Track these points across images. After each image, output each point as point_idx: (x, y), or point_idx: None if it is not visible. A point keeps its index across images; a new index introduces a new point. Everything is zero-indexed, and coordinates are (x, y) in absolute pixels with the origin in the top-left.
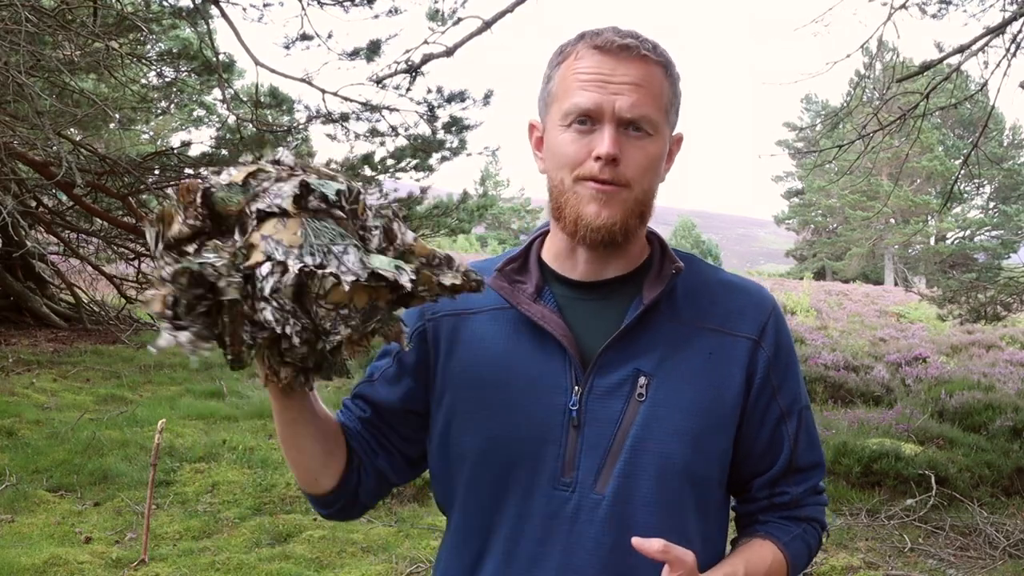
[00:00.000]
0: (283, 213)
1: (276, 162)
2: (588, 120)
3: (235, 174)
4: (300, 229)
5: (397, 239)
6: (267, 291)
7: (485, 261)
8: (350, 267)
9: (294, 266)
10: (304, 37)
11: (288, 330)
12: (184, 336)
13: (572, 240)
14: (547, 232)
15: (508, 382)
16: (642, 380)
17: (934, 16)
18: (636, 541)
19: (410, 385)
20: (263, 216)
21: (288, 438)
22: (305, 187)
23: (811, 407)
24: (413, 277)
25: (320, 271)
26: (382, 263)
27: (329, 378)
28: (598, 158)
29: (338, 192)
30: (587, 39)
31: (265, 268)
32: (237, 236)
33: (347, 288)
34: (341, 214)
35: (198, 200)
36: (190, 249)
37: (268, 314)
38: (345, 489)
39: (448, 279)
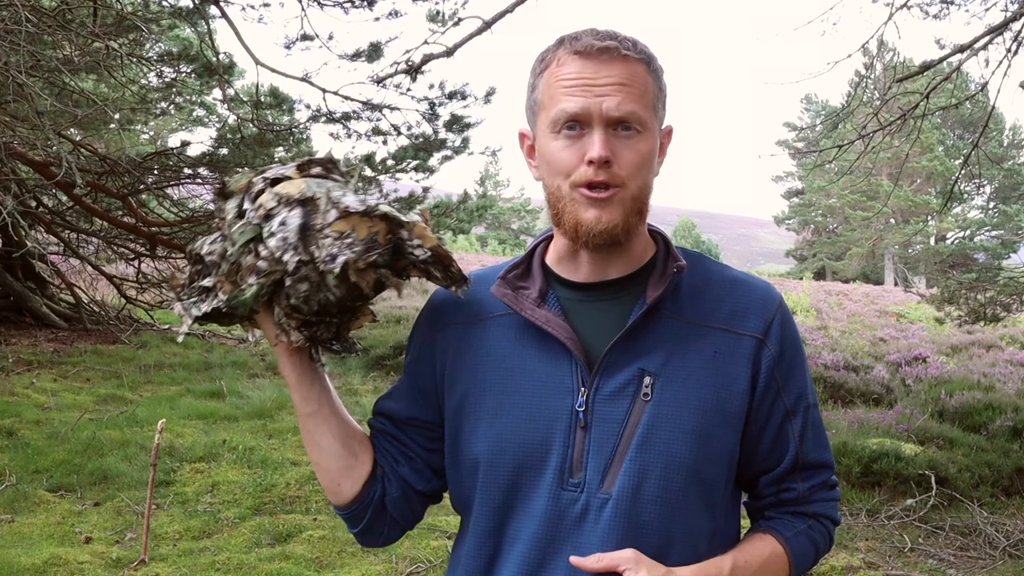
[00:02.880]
0: (287, 179)
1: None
2: (577, 125)
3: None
4: (304, 184)
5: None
6: (274, 226)
7: (491, 268)
8: (349, 202)
9: (301, 196)
10: (304, 38)
11: (287, 257)
12: (178, 307)
13: (574, 244)
14: (551, 237)
15: (515, 387)
16: (647, 380)
17: (936, 17)
18: (574, 560)
19: (423, 396)
20: (271, 183)
21: (309, 432)
22: (307, 160)
23: (819, 406)
24: (412, 219)
25: (322, 204)
26: (379, 202)
27: (339, 352)
28: (591, 162)
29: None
30: (567, 44)
31: (271, 206)
32: (246, 203)
33: (347, 214)
34: (339, 178)
35: (213, 195)
36: None
37: (272, 243)
38: (368, 498)
39: (439, 244)
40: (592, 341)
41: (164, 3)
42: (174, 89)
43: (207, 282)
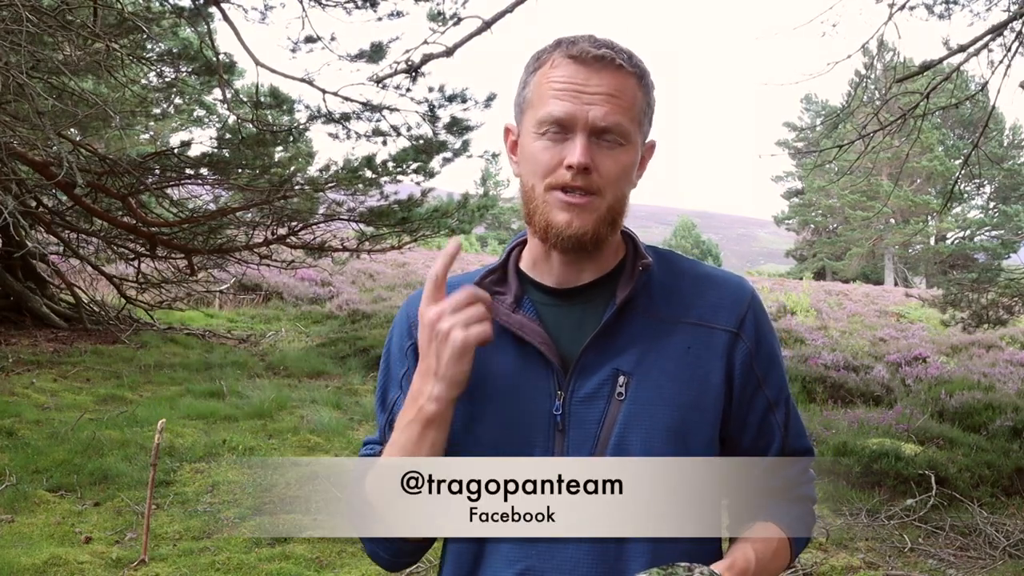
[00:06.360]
0: None
1: None
2: (561, 129)
3: None
4: None
5: None
6: None
7: (466, 275)
8: None
9: None
10: (307, 40)
11: None
12: None
13: (544, 245)
14: (524, 241)
15: (493, 392)
16: (621, 379)
17: (940, 17)
18: None
19: None
20: None
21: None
22: None
23: (792, 395)
24: None
25: None
26: None
27: None
28: (569, 167)
29: None
30: (563, 48)
31: None
32: None
33: None
34: None
35: None
36: None
37: None
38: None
39: None
40: (567, 345)
41: (165, 3)
42: (174, 89)
43: None
